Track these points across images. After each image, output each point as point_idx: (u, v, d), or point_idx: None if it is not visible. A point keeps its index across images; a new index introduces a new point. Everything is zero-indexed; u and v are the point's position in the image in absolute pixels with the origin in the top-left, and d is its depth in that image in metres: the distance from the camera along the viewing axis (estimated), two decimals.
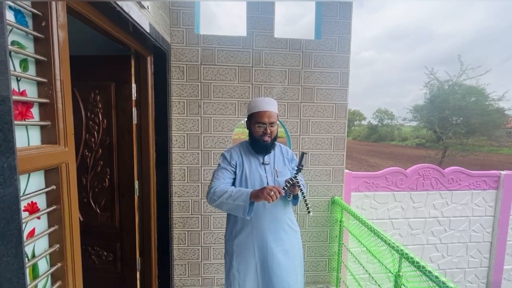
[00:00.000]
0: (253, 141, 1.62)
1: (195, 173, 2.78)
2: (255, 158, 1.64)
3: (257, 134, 1.58)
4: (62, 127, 1.11)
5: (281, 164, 1.66)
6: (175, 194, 2.77)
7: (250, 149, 1.65)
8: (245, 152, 1.64)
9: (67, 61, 1.12)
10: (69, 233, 1.15)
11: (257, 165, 1.62)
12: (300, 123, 2.83)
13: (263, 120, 1.55)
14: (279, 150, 1.71)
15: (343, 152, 2.92)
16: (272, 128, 1.57)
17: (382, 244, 1.90)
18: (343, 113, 2.87)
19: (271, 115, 1.56)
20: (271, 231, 1.56)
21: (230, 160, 1.60)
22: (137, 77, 2.31)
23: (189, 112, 2.71)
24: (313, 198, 2.93)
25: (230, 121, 2.75)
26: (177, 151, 2.74)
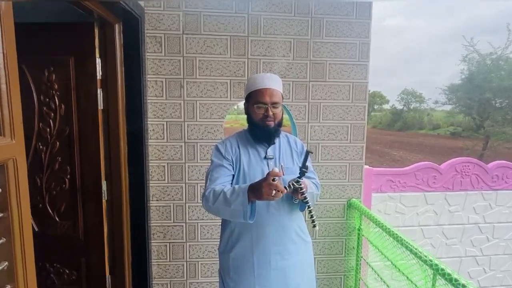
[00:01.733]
0: (252, 127, 1.63)
1: (178, 170, 2.79)
2: (255, 151, 1.65)
3: (257, 117, 1.59)
4: (7, 114, 1.08)
5: (288, 159, 1.68)
6: (153, 197, 2.79)
7: (249, 139, 1.67)
8: (243, 144, 1.66)
9: (11, 29, 1.08)
10: (20, 248, 1.13)
11: (258, 159, 1.63)
12: (308, 107, 2.84)
13: (264, 99, 1.56)
14: (285, 140, 1.72)
15: (362, 144, 2.93)
16: (275, 109, 1.58)
17: (411, 257, 1.90)
18: (363, 94, 2.88)
19: (274, 93, 1.57)
20: (275, 241, 1.57)
21: (225, 154, 1.61)
22: (103, 50, 2.29)
23: (169, 94, 2.72)
24: (324, 201, 2.95)
25: (220, 105, 2.76)
26: (155, 143, 2.75)
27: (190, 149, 2.80)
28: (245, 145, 1.65)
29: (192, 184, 2.83)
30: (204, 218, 2.86)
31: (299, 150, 1.73)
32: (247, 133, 1.69)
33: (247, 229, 1.57)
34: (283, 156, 1.67)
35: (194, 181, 2.83)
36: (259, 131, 1.60)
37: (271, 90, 1.56)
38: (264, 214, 1.56)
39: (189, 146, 2.79)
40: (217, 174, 1.57)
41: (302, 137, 2.88)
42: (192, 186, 2.83)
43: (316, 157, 2.92)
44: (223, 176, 1.57)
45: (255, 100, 1.58)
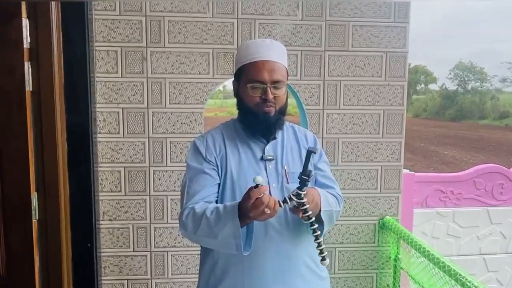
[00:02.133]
0: (244, 116, 1.67)
1: (140, 178, 2.84)
2: (248, 150, 1.68)
3: (251, 101, 1.62)
4: None
5: (295, 160, 1.71)
6: (105, 215, 2.84)
7: (239, 132, 1.70)
8: (231, 139, 1.69)
9: None
10: None
11: (252, 161, 1.66)
12: (323, 88, 2.89)
13: (261, 76, 1.58)
14: (291, 135, 1.77)
15: (400, 139, 2.98)
16: (277, 91, 1.61)
17: None
18: (400, 69, 2.92)
19: (276, 68, 1.60)
20: (276, 278, 1.59)
21: (206, 155, 1.64)
22: (32, 7, 2.30)
23: (126, 69, 2.76)
24: (347, 220, 3.00)
25: (199, 86, 2.81)
26: (107, 139, 2.81)
27: (157, 148, 2.83)
28: (234, 141, 1.69)
29: (159, 197, 2.87)
30: (176, 244, 2.90)
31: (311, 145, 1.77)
32: (237, 125, 1.73)
33: (236, 260, 1.58)
34: (288, 157, 1.70)
35: (163, 193, 2.87)
36: (254, 122, 1.63)
37: (271, 63, 1.59)
38: (260, 239, 1.57)
39: (156, 144, 2.83)
40: (197, 185, 1.59)
41: (315, 130, 2.92)
42: (160, 199, 2.87)
43: (335, 158, 2.94)
44: (206, 187, 1.60)
45: (249, 77, 1.61)
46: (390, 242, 2.95)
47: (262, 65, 1.58)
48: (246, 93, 1.62)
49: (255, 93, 1.60)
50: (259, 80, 1.58)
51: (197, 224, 1.47)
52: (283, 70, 1.63)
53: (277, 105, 1.62)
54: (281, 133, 1.72)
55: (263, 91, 1.58)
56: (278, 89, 1.61)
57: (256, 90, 1.59)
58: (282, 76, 1.61)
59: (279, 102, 1.63)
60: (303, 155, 1.69)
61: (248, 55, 1.61)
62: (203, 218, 1.46)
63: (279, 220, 1.57)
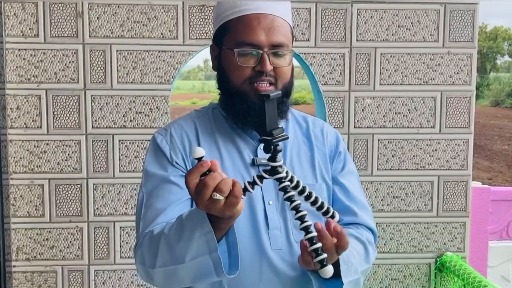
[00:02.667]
0: (229, 98, 1.62)
1: (73, 195, 2.74)
2: (234, 149, 1.64)
3: (239, 76, 1.55)
4: None
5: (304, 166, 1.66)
6: (20, 252, 2.73)
7: (220, 123, 1.68)
8: (207, 133, 1.67)
9: None
10: None
11: (239, 166, 1.60)
12: (350, 59, 2.83)
13: (256, 37, 1.51)
14: (301, 128, 1.74)
15: (468, 135, 2.88)
16: (278, 59, 1.54)
17: None
18: (467, 29, 2.82)
19: (276, 25, 1.54)
20: None
21: (172, 156, 1.58)
22: None
23: (52, 31, 2.67)
24: (387, 258, 2.87)
25: (164, 56, 2.75)
26: (22, 137, 2.72)
27: (99, 149, 2.75)
28: (213, 136, 1.65)
29: (103, 225, 2.77)
30: None
31: (330, 147, 1.72)
32: (217, 113, 1.69)
33: None
34: (293, 161, 1.63)
35: (108, 218, 2.78)
36: (242, 108, 1.56)
37: (269, 18, 1.53)
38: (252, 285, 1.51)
39: (97, 144, 2.75)
40: (159, 202, 1.53)
41: (336, 123, 2.85)
42: (104, 228, 2.77)
43: (367, 164, 2.86)
44: (173, 204, 1.52)
45: (236, 39, 1.53)
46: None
47: (256, 21, 1.52)
48: (232, 63, 1.55)
49: (245, 62, 1.52)
50: (252, 42, 1.51)
51: (155, 250, 1.40)
52: (287, 28, 1.57)
53: (278, 82, 1.55)
54: (284, 125, 1.62)
55: (257, 60, 1.52)
56: (280, 57, 1.54)
57: (247, 58, 1.52)
58: (285, 37, 1.55)
59: (282, 76, 1.56)
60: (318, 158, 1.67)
61: (235, 6, 1.57)
62: (161, 239, 1.40)
63: (281, 255, 1.50)
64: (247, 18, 1.50)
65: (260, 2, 1.54)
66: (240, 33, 1.51)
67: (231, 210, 1.22)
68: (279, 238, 1.44)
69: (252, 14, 1.50)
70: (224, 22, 1.56)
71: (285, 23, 1.54)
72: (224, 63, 1.57)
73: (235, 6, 1.54)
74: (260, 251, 1.45)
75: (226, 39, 1.55)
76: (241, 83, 1.52)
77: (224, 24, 1.56)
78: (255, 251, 1.46)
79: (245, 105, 1.52)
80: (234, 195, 1.19)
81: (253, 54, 1.50)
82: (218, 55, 1.60)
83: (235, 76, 1.53)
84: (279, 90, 1.42)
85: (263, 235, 1.47)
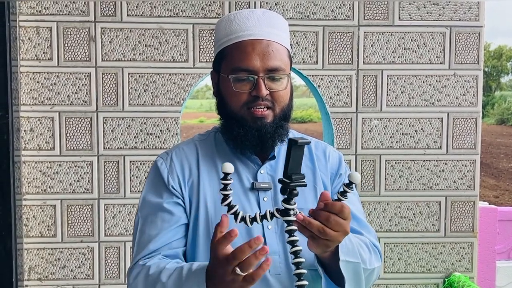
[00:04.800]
0: (227, 123, 1.62)
1: (84, 215, 2.76)
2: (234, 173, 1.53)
3: (236, 101, 1.56)
4: None
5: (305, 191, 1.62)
6: (32, 272, 2.73)
7: (220, 147, 1.69)
8: (207, 158, 1.68)
9: None
10: None
11: (239, 191, 1.60)
12: (357, 81, 2.85)
13: (250, 62, 1.52)
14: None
15: (475, 156, 2.92)
16: (274, 84, 1.55)
17: None
18: (473, 51, 2.84)
19: (271, 49, 1.55)
20: None
21: (169, 182, 1.59)
22: None
23: (65, 55, 2.70)
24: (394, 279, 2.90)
25: (175, 78, 2.77)
26: (35, 158, 2.75)
27: (111, 170, 2.78)
28: (213, 160, 1.66)
29: (114, 245, 2.77)
30: None
31: (333, 170, 1.72)
32: (218, 137, 1.70)
33: None
34: None
35: (119, 238, 2.79)
36: (240, 132, 1.56)
37: (264, 43, 1.54)
38: None
39: (109, 164, 2.78)
40: (151, 228, 1.55)
41: (344, 144, 2.88)
42: (115, 248, 2.78)
43: (375, 184, 2.88)
44: (164, 231, 1.54)
45: (232, 65, 1.55)
46: None
47: (251, 47, 1.54)
48: (229, 89, 1.57)
49: (241, 88, 1.53)
50: (247, 67, 1.52)
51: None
52: (283, 52, 1.58)
53: (276, 106, 1.56)
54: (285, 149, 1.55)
55: (253, 85, 1.53)
56: (277, 81, 1.55)
57: (243, 83, 1.54)
58: (281, 61, 1.55)
59: (279, 100, 1.57)
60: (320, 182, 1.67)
61: (231, 33, 1.59)
62: (157, 284, 1.39)
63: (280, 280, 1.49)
64: (242, 44, 1.53)
65: (255, 27, 1.56)
66: (236, 59, 1.54)
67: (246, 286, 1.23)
68: (278, 263, 1.45)
69: (246, 40, 1.53)
70: (222, 49, 1.60)
71: (281, 47, 1.57)
72: (222, 88, 1.60)
73: (231, 33, 1.57)
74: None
75: (223, 65, 1.58)
76: (238, 109, 1.54)
77: (221, 50, 1.60)
78: None
79: (242, 129, 1.54)
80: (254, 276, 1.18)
81: (249, 80, 1.53)
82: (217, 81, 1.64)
83: (232, 102, 1.56)
84: (308, 140, 1.34)
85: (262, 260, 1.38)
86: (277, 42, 1.55)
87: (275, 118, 1.55)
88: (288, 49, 1.62)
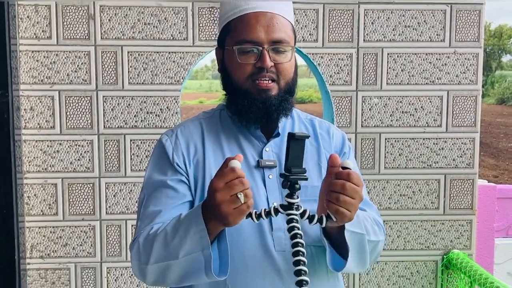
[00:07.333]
0: (232, 97, 1.66)
1: (85, 194, 2.79)
2: (238, 150, 1.67)
3: (240, 73, 1.60)
4: None
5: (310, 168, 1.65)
6: (34, 250, 2.75)
7: (226, 124, 1.72)
8: (212, 134, 1.71)
9: None
10: None
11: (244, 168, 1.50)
12: (357, 59, 2.88)
13: (255, 34, 1.56)
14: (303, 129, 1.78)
15: (474, 134, 2.93)
16: (279, 56, 1.59)
17: None
18: (473, 29, 2.86)
19: (276, 22, 1.59)
20: None
21: (173, 159, 1.62)
22: None
23: (64, 33, 2.71)
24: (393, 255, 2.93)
25: (174, 57, 2.79)
26: (36, 137, 2.77)
27: (111, 149, 2.80)
28: (218, 138, 1.69)
29: (115, 223, 2.81)
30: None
31: (337, 148, 1.75)
32: (223, 114, 1.73)
33: None
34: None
35: (120, 216, 2.82)
36: (244, 105, 1.60)
37: (268, 16, 1.58)
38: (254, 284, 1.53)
39: (109, 143, 2.80)
40: (155, 204, 1.58)
41: (344, 122, 2.90)
42: (116, 226, 2.82)
43: (374, 163, 2.91)
44: (169, 207, 1.57)
45: (236, 37, 1.58)
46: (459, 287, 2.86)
47: (255, 19, 1.58)
48: (233, 62, 1.61)
49: (246, 59, 1.58)
50: (252, 39, 1.57)
51: (151, 247, 1.47)
52: (287, 26, 1.62)
53: (280, 78, 1.60)
54: (290, 126, 1.73)
55: (258, 57, 1.57)
56: (281, 54, 1.59)
57: (248, 55, 1.58)
58: (285, 34, 1.60)
59: (283, 73, 1.61)
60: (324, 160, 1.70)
61: (235, 7, 1.62)
62: (157, 236, 1.46)
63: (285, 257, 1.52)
64: (247, 17, 1.57)
65: (259, 1, 1.59)
66: (240, 32, 1.57)
67: (238, 216, 1.30)
68: (283, 240, 1.48)
69: (251, 13, 1.57)
70: (226, 23, 1.62)
71: (285, 20, 1.60)
72: (227, 62, 1.64)
73: (235, 7, 1.61)
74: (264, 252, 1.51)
75: (228, 39, 1.61)
76: (243, 81, 1.58)
77: (226, 25, 1.63)
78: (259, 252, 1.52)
79: (246, 101, 1.58)
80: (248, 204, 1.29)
81: (254, 52, 1.56)
82: (221, 56, 1.68)
83: (237, 74, 1.60)
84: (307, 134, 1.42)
85: (267, 236, 1.53)
86: (281, 15, 1.59)
87: (280, 91, 1.59)
88: (292, 24, 1.64)
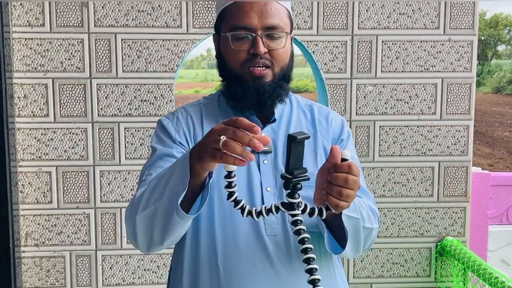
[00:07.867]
0: (227, 83, 1.68)
1: (80, 182, 2.81)
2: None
3: (234, 60, 1.62)
4: None
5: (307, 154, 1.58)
6: (28, 238, 2.78)
7: (223, 109, 1.74)
8: (211, 118, 1.72)
9: None
10: None
11: None
12: (351, 47, 2.89)
13: (248, 20, 1.57)
14: (305, 115, 1.79)
15: (468, 121, 2.95)
16: (272, 42, 1.59)
17: None
18: (468, 16, 2.87)
19: (270, 8, 1.59)
20: None
21: (175, 135, 1.65)
22: None
23: (58, 20, 2.72)
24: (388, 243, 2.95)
25: (168, 44, 2.80)
26: (29, 125, 2.78)
27: (105, 137, 2.81)
28: (217, 121, 1.64)
29: (109, 211, 2.83)
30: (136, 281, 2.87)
31: (334, 134, 1.75)
32: (221, 99, 1.75)
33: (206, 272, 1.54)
34: None
35: (114, 204, 2.83)
36: (238, 92, 1.61)
37: (262, 2, 1.58)
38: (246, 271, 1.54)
39: (103, 131, 2.81)
40: (158, 171, 1.57)
41: (339, 109, 2.92)
42: (111, 214, 2.83)
43: (369, 150, 2.91)
44: None
45: (230, 23, 1.59)
46: (453, 275, 2.88)
47: (249, 5, 1.59)
48: (228, 48, 1.61)
49: (240, 46, 1.58)
50: (245, 25, 1.56)
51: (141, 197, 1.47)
52: (282, 11, 1.61)
53: (275, 65, 1.60)
54: (288, 112, 1.73)
55: (251, 43, 1.57)
56: (275, 40, 1.59)
57: (242, 41, 1.58)
58: (280, 19, 1.59)
59: (278, 59, 1.61)
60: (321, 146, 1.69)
61: None
62: (149, 185, 1.48)
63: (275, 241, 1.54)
64: (241, 3, 1.57)
65: None
66: (234, 18, 1.57)
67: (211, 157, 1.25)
68: (275, 224, 1.49)
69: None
70: (222, 9, 1.62)
71: (280, 6, 1.60)
72: (222, 49, 1.64)
73: None
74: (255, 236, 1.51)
75: (223, 25, 1.62)
76: (237, 67, 1.59)
77: (222, 11, 1.63)
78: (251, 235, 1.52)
79: (240, 88, 1.59)
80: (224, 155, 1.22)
81: (247, 38, 1.56)
82: (217, 43, 1.68)
83: (231, 61, 1.60)
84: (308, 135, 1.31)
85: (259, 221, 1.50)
86: (276, 1, 1.59)
87: (275, 78, 1.59)
88: (288, 10, 1.64)
